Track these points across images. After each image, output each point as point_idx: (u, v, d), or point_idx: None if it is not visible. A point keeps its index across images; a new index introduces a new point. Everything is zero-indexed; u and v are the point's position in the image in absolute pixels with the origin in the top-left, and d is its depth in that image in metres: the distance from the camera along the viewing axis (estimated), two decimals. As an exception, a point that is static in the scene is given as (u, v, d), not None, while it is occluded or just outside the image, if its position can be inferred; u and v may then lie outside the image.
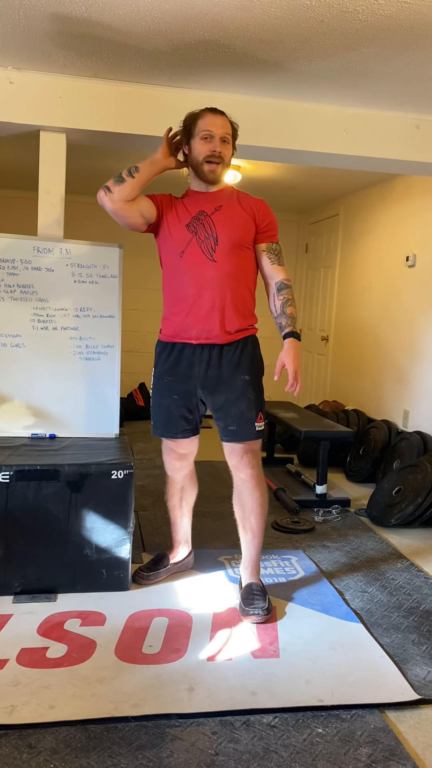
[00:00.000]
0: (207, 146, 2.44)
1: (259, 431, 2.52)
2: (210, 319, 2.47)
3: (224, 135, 2.45)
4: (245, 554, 2.61)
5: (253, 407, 2.50)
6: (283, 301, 2.52)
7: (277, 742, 1.78)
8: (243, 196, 2.56)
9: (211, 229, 2.47)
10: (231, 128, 2.50)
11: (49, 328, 3.07)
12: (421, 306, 4.70)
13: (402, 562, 3.11)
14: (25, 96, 3.15)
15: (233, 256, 2.47)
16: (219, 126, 2.44)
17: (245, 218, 2.49)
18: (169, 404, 2.59)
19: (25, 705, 1.89)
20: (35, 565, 2.56)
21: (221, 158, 2.45)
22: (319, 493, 4.02)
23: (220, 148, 2.44)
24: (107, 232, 6.75)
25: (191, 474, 2.78)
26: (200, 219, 2.49)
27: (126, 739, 1.77)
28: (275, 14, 2.46)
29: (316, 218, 6.88)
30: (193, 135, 2.47)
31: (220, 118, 2.46)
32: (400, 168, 3.79)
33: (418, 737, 1.84)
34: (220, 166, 2.47)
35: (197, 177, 2.52)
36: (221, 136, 2.44)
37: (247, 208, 2.51)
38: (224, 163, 2.47)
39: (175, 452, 2.70)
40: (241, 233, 2.48)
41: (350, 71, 2.96)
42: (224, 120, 2.47)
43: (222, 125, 2.45)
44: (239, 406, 2.49)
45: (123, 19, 2.56)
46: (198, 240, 2.48)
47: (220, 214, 2.49)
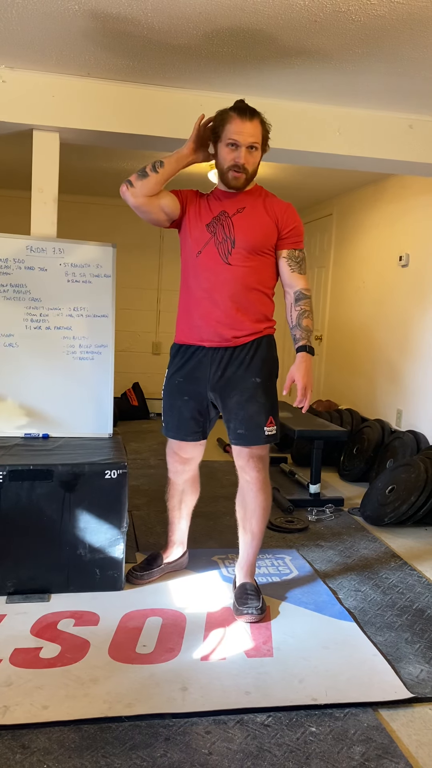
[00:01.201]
0: (232, 155, 2.35)
1: (269, 436, 2.47)
2: (221, 323, 2.43)
3: (252, 143, 2.34)
4: (242, 555, 2.60)
5: (263, 411, 2.45)
6: (300, 312, 2.47)
7: (270, 741, 1.79)
8: (270, 199, 2.49)
9: (229, 231, 2.42)
10: (261, 132, 2.37)
11: (43, 327, 3.06)
12: (414, 305, 4.71)
13: (395, 561, 3.11)
14: (17, 95, 3.14)
15: (249, 260, 2.41)
16: (247, 134, 2.32)
17: (267, 223, 2.43)
18: (180, 406, 2.56)
19: (18, 705, 1.88)
20: (28, 565, 2.56)
21: (245, 169, 2.37)
22: (313, 493, 4.02)
23: (244, 159, 2.35)
24: (100, 231, 6.75)
25: (193, 479, 2.74)
26: (221, 219, 2.44)
27: (119, 739, 1.77)
28: (269, 14, 2.46)
29: (309, 218, 6.89)
30: (220, 138, 2.37)
31: (248, 125, 2.33)
32: (394, 168, 3.80)
33: (411, 735, 1.85)
34: (244, 176, 2.39)
35: (222, 181, 2.46)
36: (248, 144, 2.34)
37: (271, 213, 2.44)
38: (248, 173, 2.39)
39: (178, 455, 2.67)
40: (261, 238, 2.41)
41: (343, 71, 2.97)
42: (254, 126, 2.34)
43: (250, 133, 2.33)
44: (248, 410, 2.45)
45: (115, 18, 2.56)
46: (216, 241, 2.42)
47: (242, 216, 2.43)
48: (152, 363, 7.03)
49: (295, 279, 2.48)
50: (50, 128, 3.24)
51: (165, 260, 7.01)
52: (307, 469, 4.70)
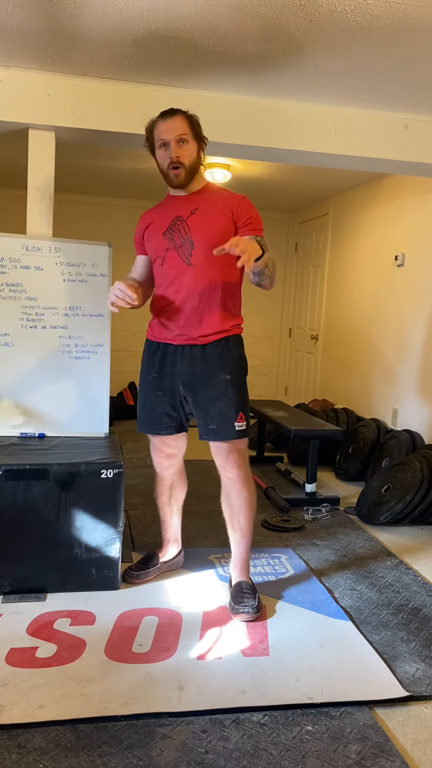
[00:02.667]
0: (165, 154, 2.41)
1: (239, 431, 2.49)
2: (189, 324, 2.48)
3: (179, 136, 2.39)
4: (234, 553, 2.61)
5: (233, 407, 2.48)
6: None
7: (266, 740, 1.79)
8: (223, 195, 2.50)
9: (186, 234, 2.46)
10: (188, 124, 2.42)
11: (38, 326, 3.06)
12: (409, 305, 4.72)
13: (391, 560, 3.12)
14: (13, 94, 3.13)
15: (210, 259, 2.44)
16: (172, 130, 2.38)
17: (222, 219, 2.44)
18: (153, 401, 2.60)
19: (14, 705, 1.88)
20: (24, 565, 2.55)
21: (181, 163, 2.40)
22: (309, 492, 4.03)
23: (176, 152, 2.39)
24: (96, 230, 6.75)
25: (180, 472, 2.78)
26: (176, 224, 2.48)
27: (116, 738, 1.77)
28: (265, 13, 2.47)
29: (305, 217, 6.89)
30: (154, 146, 2.46)
31: (171, 122, 2.39)
32: (389, 167, 3.81)
33: (406, 734, 1.85)
34: (183, 170, 2.41)
35: (168, 184, 2.50)
36: (176, 138, 2.38)
37: (224, 208, 2.45)
38: (185, 165, 2.41)
39: (162, 451, 2.70)
40: (218, 234, 2.43)
41: (339, 71, 2.97)
42: (177, 121, 2.39)
43: (175, 128, 2.39)
44: (219, 405, 2.48)
45: (112, 18, 2.55)
46: (174, 246, 2.47)
47: (196, 217, 2.46)
48: (148, 362, 7.02)
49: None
50: (46, 127, 3.23)
51: (161, 259, 7.00)
52: (303, 468, 4.71)
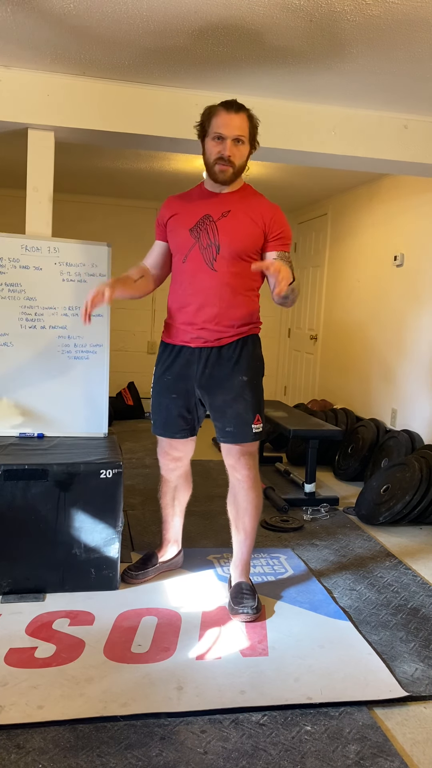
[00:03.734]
0: (217, 147, 2.33)
1: (256, 433, 2.48)
2: (205, 329, 2.44)
3: (238, 136, 2.31)
4: (236, 554, 2.61)
5: (250, 409, 2.46)
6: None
7: (265, 740, 1.79)
8: (257, 201, 2.45)
9: (214, 236, 2.39)
10: (249, 126, 2.34)
11: (38, 326, 3.06)
12: (408, 305, 4.72)
13: (390, 560, 3.12)
14: (12, 94, 3.13)
15: (235, 266, 2.39)
16: (233, 127, 2.30)
17: (252, 227, 2.39)
18: (168, 404, 2.56)
19: (13, 705, 1.88)
20: (23, 565, 2.55)
21: (231, 162, 2.34)
22: (308, 492, 4.03)
23: (229, 151, 2.32)
24: (96, 230, 6.74)
25: (186, 475, 2.76)
26: (205, 224, 2.41)
27: (115, 738, 1.77)
28: (264, 13, 2.47)
29: (304, 217, 6.89)
30: (207, 133, 2.36)
31: (234, 117, 2.31)
32: (388, 168, 3.81)
33: (405, 734, 1.85)
34: (231, 169, 2.35)
35: (209, 176, 2.43)
36: (234, 137, 2.31)
37: (257, 218, 2.40)
38: (235, 166, 2.36)
39: (170, 454, 2.68)
40: (246, 243, 2.39)
41: (338, 71, 2.97)
42: (240, 119, 2.32)
43: (236, 126, 2.30)
44: (236, 408, 2.45)
45: (111, 17, 2.55)
46: (200, 246, 2.40)
47: (227, 220, 2.39)
48: (147, 362, 7.03)
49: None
50: (45, 127, 3.23)
51: (160, 259, 6.99)
52: (302, 468, 4.70)
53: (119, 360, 6.75)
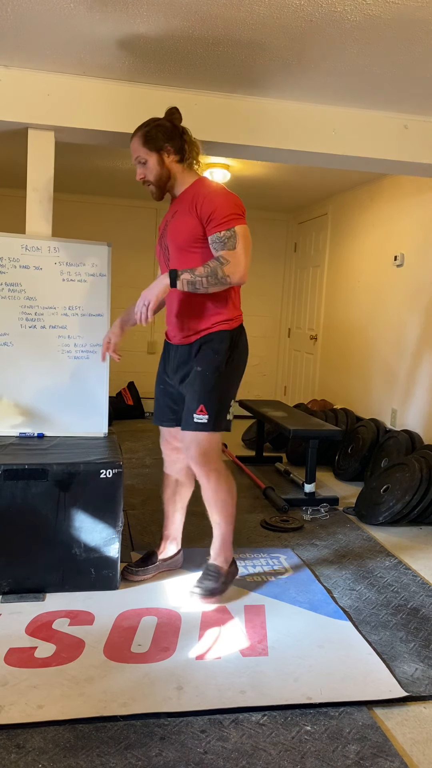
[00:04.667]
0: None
1: (197, 423, 2.49)
2: (175, 326, 2.59)
3: (136, 159, 2.49)
4: (213, 536, 2.68)
5: (195, 398, 2.50)
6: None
7: (265, 740, 1.79)
8: (196, 191, 2.46)
9: (165, 239, 2.57)
10: (141, 143, 2.46)
11: (38, 326, 3.06)
12: (408, 305, 4.72)
13: (390, 560, 3.12)
14: (13, 93, 3.13)
15: (183, 261, 2.47)
16: (132, 153, 2.50)
17: (189, 220, 2.45)
18: (158, 393, 2.77)
19: (13, 705, 1.88)
20: (23, 565, 2.55)
21: (147, 180, 2.51)
22: (308, 492, 4.03)
23: (140, 173, 2.51)
24: (96, 230, 6.74)
25: (187, 470, 2.78)
26: (164, 230, 2.58)
27: (115, 738, 1.77)
28: (263, 13, 2.47)
29: (304, 217, 6.89)
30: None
31: (131, 145, 2.50)
32: (389, 168, 3.81)
33: (405, 734, 1.85)
34: (151, 186, 2.52)
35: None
36: (135, 160, 2.50)
37: (191, 206, 2.44)
38: (152, 181, 2.49)
39: (170, 443, 2.77)
40: (184, 235, 2.46)
41: (339, 71, 2.97)
42: (133, 144, 2.49)
43: (133, 150, 2.49)
44: (187, 395, 2.56)
45: (111, 17, 2.55)
46: (162, 251, 2.60)
47: (174, 221, 2.51)
48: (147, 362, 7.03)
49: (217, 254, 2.40)
50: (45, 127, 3.23)
51: (160, 259, 7.00)
52: (302, 468, 4.71)
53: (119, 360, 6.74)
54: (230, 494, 2.62)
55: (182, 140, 2.49)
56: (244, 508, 3.77)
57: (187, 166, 2.52)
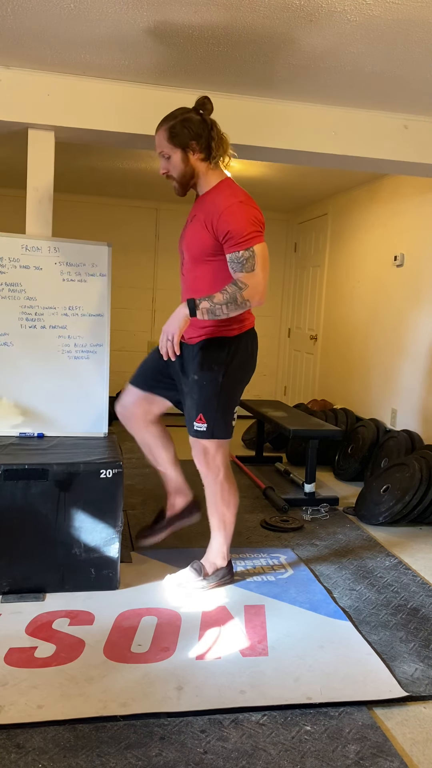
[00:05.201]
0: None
1: (197, 431, 2.53)
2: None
3: (160, 153, 2.46)
4: (210, 538, 2.73)
5: (194, 407, 2.54)
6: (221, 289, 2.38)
7: (265, 740, 1.79)
8: (214, 202, 2.41)
9: (182, 243, 2.57)
10: (166, 138, 2.42)
11: (38, 326, 3.06)
12: (408, 305, 4.72)
13: (390, 560, 3.12)
14: (13, 93, 3.13)
15: (195, 270, 2.49)
16: (156, 147, 2.47)
17: (202, 234, 2.41)
18: (152, 358, 2.72)
19: (13, 705, 1.88)
20: (23, 565, 2.55)
21: (169, 176, 2.49)
22: (308, 492, 4.03)
23: (163, 167, 2.48)
24: (96, 230, 6.74)
25: (152, 434, 2.77)
26: (183, 232, 2.57)
27: (114, 738, 1.77)
28: (264, 13, 2.47)
29: (304, 217, 6.89)
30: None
31: (156, 137, 2.46)
32: (389, 168, 3.81)
33: (405, 734, 1.85)
34: (174, 182, 2.50)
35: None
36: (159, 155, 2.47)
37: (207, 220, 2.39)
38: (175, 176, 2.47)
39: (141, 407, 2.73)
40: (198, 249, 2.45)
41: (339, 71, 2.97)
42: (157, 137, 2.45)
43: (157, 145, 2.46)
44: (186, 403, 2.58)
45: (112, 17, 2.55)
46: (180, 254, 2.60)
47: (190, 226, 2.49)
48: (147, 362, 7.02)
49: (236, 276, 2.37)
50: (45, 127, 3.23)
51: (160, 260, 7.00)
52: (302, 468, 4.71)
53: (119, 360, 6.75)
54: (229, 508, 2.65)
55: (209, 137, 2.42)
56: (244, 508, 3.77)
57: (214, 165, 2.46)
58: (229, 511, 2.65)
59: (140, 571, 2.83)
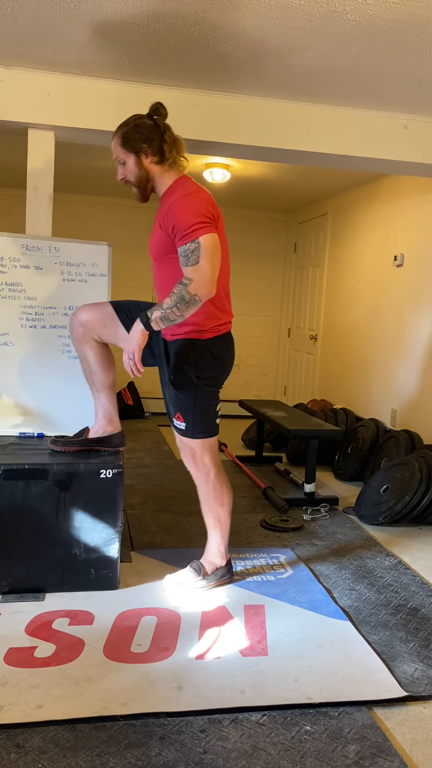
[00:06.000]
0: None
1: (178, 428, 2.58)
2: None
3: (116, 159, 2.47)
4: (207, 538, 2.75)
5: (171, 404, 2.60)
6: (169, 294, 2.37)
7: (265, 740, 1.79)
8: (166, 200, 2.42)
9: (149, 245, 2.57)
10: (119, 144, 2.43)
11: (38, 326, 3.06)
12: (408, 305, 4.72)
13: (390, 560, 3.12)
14: (13, 93, 3.13)
15: (159, 269, 2.50)
16: (113, 153, 2.47)
17: (159, 232, 2.42)
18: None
19: (12, 705, 1.88)
20: (23, 565, 2.55)
21: (127, 180, 2.48)
22: (308, 492, 4.03)
23: (120, 174, 2.49)
24: (96, 230, 6.74)
25: (97, 351, 2.69)
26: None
27: (114, 738, 1.77)
28: (264, 13, 2.47)
29: (304, 217, 6.89)
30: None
31: (112, 144, 2.47)
32: (389, 168, 3.81)
33: (405, 734, 1.85)
34: (132, 186, 2.50)
35: None
36: (115, 160, 2.48)
37: (160, 218, 2.42)
38: (132, 181, 2.47)
39: (91, 325, 2.63)
40: (156, 249, 2.47)
41: (339, 71, 2.97)
42: (112, 144, 2.47)
43: (113, 150, 2.47)
44: (165, 394, 2.65)
45: (111, 16, 2.55)
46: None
47: (153, 229, 2.50)
48: (147, 362, 7.02)
49: (183, 271, 2.33)
50: (45, 126, 3.23)
51: (160, 259, 6.99)
52: (301, 468, 4.70)
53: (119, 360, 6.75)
54: (223, 506, 2.65)
55: (162, 140, 2.41)
56: (244, 508, 3.77)
57: (168, 166, 2.45)
58: (223, 509, 2.66)
59: (140, 571, 2.83)
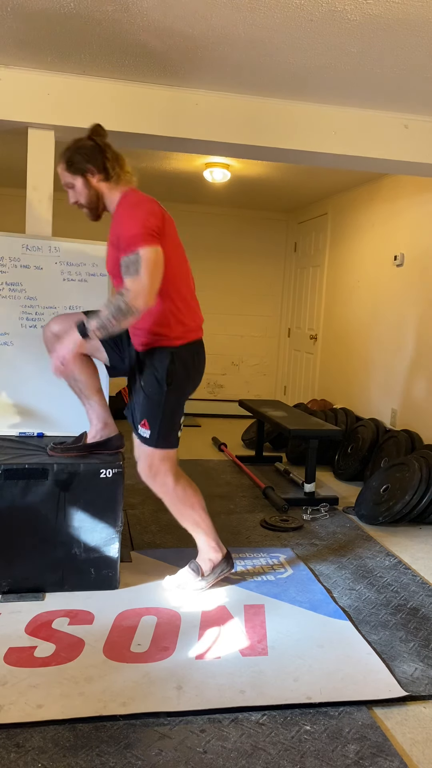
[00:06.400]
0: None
1: (142, 436, 2.54)
2: (132, 335, 2.58)
3: (65, 184, 2.46)
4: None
5: (138, 411, 2.58)
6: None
7: (265, 740, 1.79)
8: (114, 215, 2.45)
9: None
10: (64, 168, 2.43)
11: (38, 326, 3.06)
12: (408, 305, 4.72)
13: (389, 560, 3.12)
14: (13, 93, 3.13)
15: (118, 287, 2.45)
16: (60, 179, 2.47)
17: (111, 247, 2.45)
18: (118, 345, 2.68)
19: (12, 704, 1.88)
20: (23, 564, 2.55)
21: (80, 204, 2.48)
22: (308, 492, 4.03)
23: (71, 198, 2.48)
24: (96, 230, 6.73)
25: (79, 360, 2.66)
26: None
27: (114, 737, 1.77)
28: (264, 13, 2.47)
29: (304, 217, 6.89)
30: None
31: (58, 170, 2.46)
32: (389, 167, 3.81)
33: (405, 733, 1.85)
34: (85, 209, 2.49)
35: None
36: (64, 186, 2.46)
37: (112, 233, 2.43)
38: (84, 203, 2.46)
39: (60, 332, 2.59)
40: (110, 264, 2.47)
41: (339, 70, 2.97)
42: (59, 169, 2.46)
43: (60, 176, 2.46)
44: (132, 400, 2.65)
45: (111, 16, 2.55)
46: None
47: (108, 243, 2.50)
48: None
49: (124, 281, 2.34)
50: (45, 126, 3.24)
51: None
52: (301, 468, 4.70)
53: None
54: (194, 509, 2.61)
55: (104, 158, 2.45)
56: (244, 508, 3.77)
57: (114, 182, 2.47)
58: (195, 511, 2.62)
59: (140, 570, 2.83)
